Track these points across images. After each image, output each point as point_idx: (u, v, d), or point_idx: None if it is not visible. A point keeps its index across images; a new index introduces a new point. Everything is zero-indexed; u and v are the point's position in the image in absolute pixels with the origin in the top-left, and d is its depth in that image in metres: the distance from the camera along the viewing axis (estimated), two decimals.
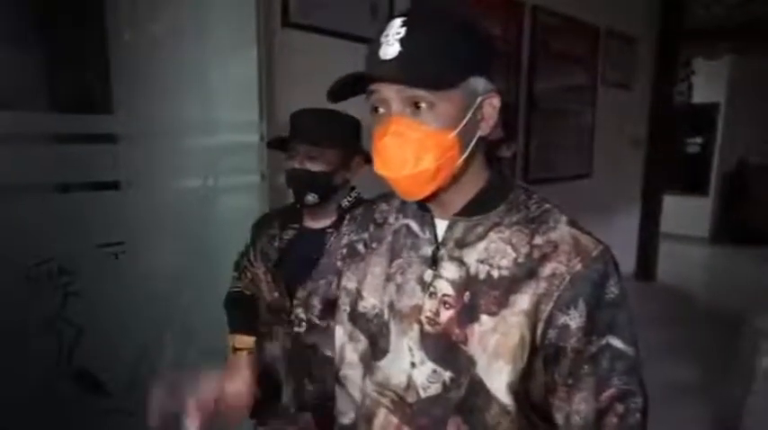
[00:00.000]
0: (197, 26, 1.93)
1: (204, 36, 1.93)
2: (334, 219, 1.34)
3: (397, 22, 0.67)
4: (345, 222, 0.93)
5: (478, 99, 0.70)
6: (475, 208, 0.75)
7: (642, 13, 4.78)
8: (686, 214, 6.86)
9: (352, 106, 1.39)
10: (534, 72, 3.56)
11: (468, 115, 0.70)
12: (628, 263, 5.25)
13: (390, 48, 0.66)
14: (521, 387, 0.69)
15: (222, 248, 1.72)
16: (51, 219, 1.51)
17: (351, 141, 1.35)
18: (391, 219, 0.84)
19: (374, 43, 0.68)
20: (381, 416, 0.76)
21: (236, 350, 1.44)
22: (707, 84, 6.46)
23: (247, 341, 1.39)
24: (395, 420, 0.75)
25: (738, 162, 7.05)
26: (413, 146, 0.68)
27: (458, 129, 0.69)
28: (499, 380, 0.69)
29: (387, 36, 0.67)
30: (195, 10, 1.93)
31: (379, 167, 0.72)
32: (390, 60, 0.66)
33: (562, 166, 3.94)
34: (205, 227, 1.87)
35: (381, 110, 0.70)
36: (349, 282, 0.84)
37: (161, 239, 1.75)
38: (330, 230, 1.32)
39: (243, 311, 1.46)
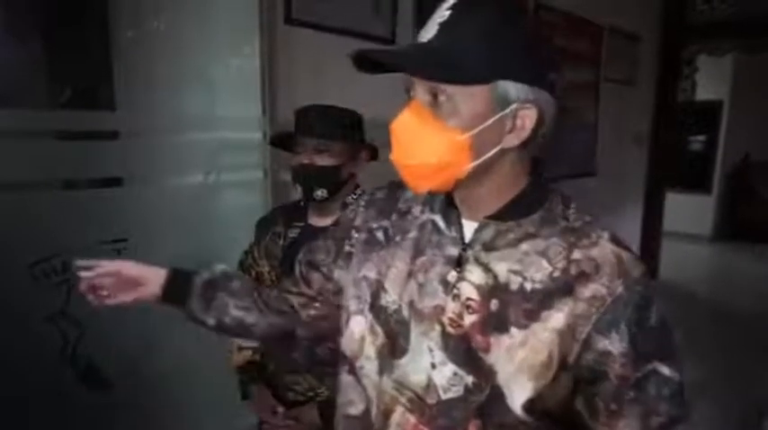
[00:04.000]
0: (199, 23, 1.93)
1: (206, 33, 1.93)
2: (338, 215, 1.35)
3: (448, 4, 0.65)
4: (363, 205, 0.88)
5: (512, 107, 0.65)
6: (507, 213, 0.71)
7: (645, 10, 4.76)
8: (689, 212, 6.84)
9: (351, 104, 1.39)
10: None
11: (491, 121, 0.65)
12: None
13: (428, 31, 0.65)
14: (538, 404, 0.67)
15: (225, 245, 1.72)
16: (54, 215, 1.51)
17: (356, 134, 1.36)
18: (416, 211, 0.80)
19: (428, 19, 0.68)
20: (398, 413, 0.74)
21: (241, 349, 1.45)
22: (710, 81, 6.44)
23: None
24: (412, 419, 0.73)
25: (742, 160, 7.03)
26: (419, 136, 0.66)
27: (472, 132, 0.65)
28: (519, 395, 0.67)
29: (433, 17, 0.66)
30: (197, 7, 1.94)
31: (391, 152, 0.71)
32: (421, 44, 0.65)
33: (565, 164, 3.93)
34: (208, 223, 1.87)
35: (411, 92, 0.68)
36: (369, 272, 0.80)
37: (164, 236, 1.75)
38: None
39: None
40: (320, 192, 1.32)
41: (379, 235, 0.82)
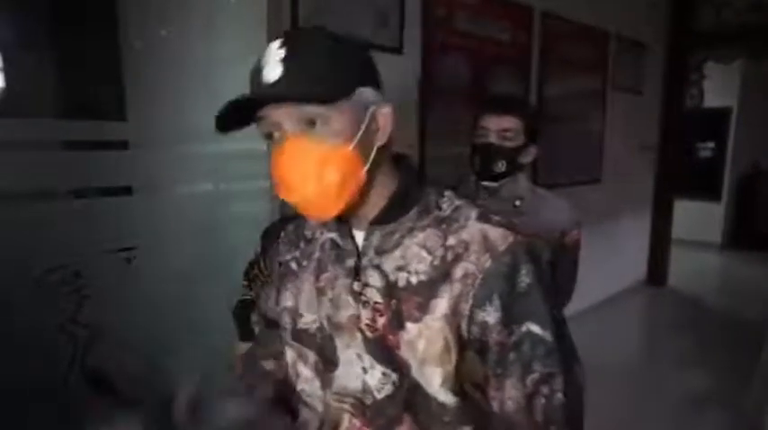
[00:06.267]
0: (208, 34, 1.96)
1: (215, 44, 1.96)
2: None
3: (275, 44, 0.67)
4: (279, 240, 0.92)
5: (370, 110, 0.71)
6: (388, 215, 0.75)
7: (652, 17, 4.76)
8: (698, 220, 6.79)
9: None
10: (543, 77, 3.56)
11: (363, 127, 0.69)
12: (639, 268, 5.21)
13: (273, 71, 0.65)
14: (457, 384, 0.73)
15: (232, 253, 1.73)
16: (65, 224, 1.54)
17: None
18: (317, 234, 0.85)
19: (255, 69, 0.68)
20: (346, 420, 0.78)
21: (242, 341, 1.47)
22: (719, 88, 6.40)
23: None
24: (358, 423, 0.77)
25: (751, 167, 6.98)
26: (312, 163, 0.67)
27: (354, 142, 0.69)
28: (434, 382, 0.72)
29: (267, 59, 0.67)
30: (206, 18, 1.96)
31: (283, 193, 0.71)
32: (275, 82, 0.65)
33: (572, 172, 3.93)
34: (215, 231, 1.89)
35: (276, 134, 0.70)
36: (287, 302, 0.85)
37: (172, 244, 1.77)
38: None
39: (252, 320, 1.48)
40: None
41: (293, 265, 0.87)
